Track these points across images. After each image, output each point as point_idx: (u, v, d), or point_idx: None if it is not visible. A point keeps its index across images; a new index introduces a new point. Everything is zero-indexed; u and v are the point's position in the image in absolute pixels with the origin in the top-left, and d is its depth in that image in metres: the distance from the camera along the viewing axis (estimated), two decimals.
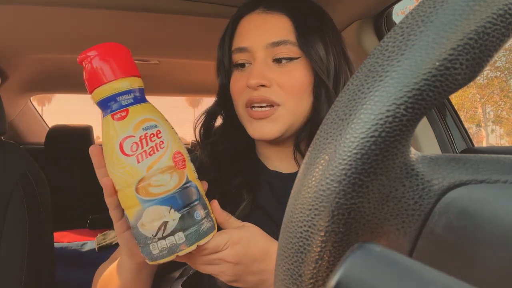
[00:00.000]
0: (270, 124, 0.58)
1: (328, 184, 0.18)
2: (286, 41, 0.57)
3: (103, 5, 1.00)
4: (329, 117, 0.20)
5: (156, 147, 0.40)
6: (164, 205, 0.40)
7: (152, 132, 0.41)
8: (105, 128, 0.41)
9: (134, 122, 0.40)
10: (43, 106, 32.92)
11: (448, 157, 0.20)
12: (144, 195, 0.40)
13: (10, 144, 0.98)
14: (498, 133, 16.79)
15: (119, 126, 0.40)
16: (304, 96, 0.59)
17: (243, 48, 0.59)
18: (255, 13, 0.61)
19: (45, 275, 0.96)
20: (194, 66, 1.64)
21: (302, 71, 0.58)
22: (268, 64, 0.58)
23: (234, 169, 0.61)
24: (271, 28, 0.58)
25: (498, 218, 0.17)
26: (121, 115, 0.40)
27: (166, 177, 0.41)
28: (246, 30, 0.60)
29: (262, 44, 0.57)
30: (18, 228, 0.89)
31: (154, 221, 0.40)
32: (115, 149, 0.40)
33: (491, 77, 14.19)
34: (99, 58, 0.41)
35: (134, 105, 0.41)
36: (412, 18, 0.18)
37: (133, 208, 0.40)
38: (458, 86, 0.18)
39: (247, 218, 0.58)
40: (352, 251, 0.16)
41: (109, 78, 0.40)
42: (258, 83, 0.56)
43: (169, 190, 0.40)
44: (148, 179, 0.40)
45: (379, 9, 0.95)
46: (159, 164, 0.40)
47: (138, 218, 0.40)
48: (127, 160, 0.40)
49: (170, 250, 0.40)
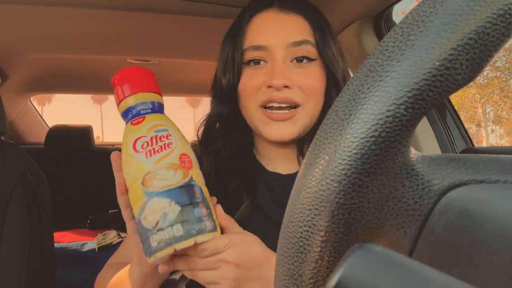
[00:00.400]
0: (290, 125, 0.58)
1: (328, 184, 0.18)
2: (307, 41, 0.57)
3: (103, 5, 1.00)
4: (329, 117, 0.20)
5: (164, 146, 0.44)
6: (166, 197, 0.42)
7: (162, 134, 0.44)
8: (125, 133, 0.46)
9: (148, 126, 0.45)
10: (43, 106, 32.93)
11: (448, 157, 0.20)
12: (148, 187, 0.42)
13: (10, 144, 0.98)
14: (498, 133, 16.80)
15: (135, 129, 0.45)
16: (320, 98, 0.59)
17: (261, 46, 0.57)
18: (271, 11, 0.60)
19: (45, 275, 0.96)
20: (194, 66, 1.64)
21: (319, 73, 0.58)
22: (288, 64, 0.57)
23: (233, 172, 0.61)
24: (291, 28, 0.58)
25: (498, 218, 0.17)
26: (138, 121, 0.45)
27: (170, 172, 0.43)
28: (263, 28, 0.59)
29: (283, 43, 0.57)
30: (18, 228, 0.89)
31: (155, 212, 0.41)
32: (128, 148, 0.44)
33: (491, 77, 14.19)
34: (126, 76, 0.47)
35: (150, 114, 0.46)
36: (412, 18, 0.18)
37: (138, 202, 0.42)
38: (458, 86, 0.17)
39: (247, 220, 0.58)
40: (352, 251, 0.16)
41: (132, 91, 0.46)
42: (284, 83, 0.55)
43: (172, 184, 0.42)
44: (153, 173, 0.42)
45: (379, 9, 0.95)
46: (165, 160, 0.43)
47: (141, 211, 0.42)
48: (137, 156, 0.43)
49: (167, 242, 0.41)
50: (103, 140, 25.34)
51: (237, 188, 0.60)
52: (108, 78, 0.46)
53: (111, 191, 0.46)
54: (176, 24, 1.14)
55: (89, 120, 43.71)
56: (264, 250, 0.47)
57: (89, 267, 1.30)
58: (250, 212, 0.58)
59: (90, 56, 1.49)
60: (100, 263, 0.63)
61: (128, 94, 0.47)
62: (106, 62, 1.60)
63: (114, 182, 0.46)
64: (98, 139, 26.51)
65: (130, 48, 1.40)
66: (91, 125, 2.13)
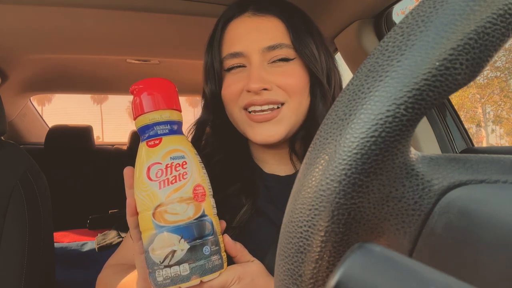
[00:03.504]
0: (274, 126, 0.57)
1: (328, 184, 0.18)
2: (282, 44, 0.57)
3: (103, 5, 1.00)
4: (329, 117, 0.20)
5: (179, 177, 0.42)
6: (176, 234, 0.41)
7: (178, 162, 0.43)
8: (139, 152, 0.44)
9: (164, 151, 0.43)
10: (43, 106, 32.91)
11: (448, 157, 0.20)
12: (159, 220, 0.41)
13: (10, 144, 0.98)
14: (498, 133, 16.79)
15: (150, 152, 0.43)
16: (304, 95, 0.59)
17: (238, 53, 0.58)
18: (245, 16, 0.60)
19: (45, 275, 0.96)
20: (194, 66, 1.64)
21: (299, 71, 0.58)
22: (265, 67, 0.57)
23: (230, 176, 0.61)
24: (265, 32, 0.58)
25: (498, 218, 0.17)
26: (154, 143, 0.43)
27: (182, 206, 0.42)
28: (238, 35, 0.59)
29: (258, 48, 0.57)
30: (18, 228, 0.89)
31: (164, 247, 0.41)
32: (142, 173, 0.42)
33: (491, 77, 14.19)
34: (146, 89, 0.44)
35: (168, 135, 0.44)
36: (412, 18, 0.18)
37: (148, 232, 0.42)
38: (458, 86, 0.17)
39: (247, 223, 0.57)
40: (352, 251, 0.16)
41: (151, 108, 0.44)
42: (261, 87, 0.55)
43: (183, 220, 0.42)
44: (165, 206, 0.41)
45: (379, 9, 0.95)
46: (178, 193, 0.42)
47: (150, 242, 0.41)
48: (150, 185, 0.42)
49: (173, 280, 0.41)
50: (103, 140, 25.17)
51: (237, 192, 0.60)
52: (108, 78, 0.46)
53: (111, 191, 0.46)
54: (176, 24, 1.14)
55: (89, 120, 43.70)
56: (267, 279, 0.48)
57: (89, 267, 1.30)
58: (250, 215, 0.58)
59: (90, 56, 1.49)
60: (100, 263, 0.62)
61: (148, 110, 0.44)
62: (106, 62, 1.60)
63: (114, 183, 0.46)
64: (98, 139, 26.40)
65: (130, 48, 1.40)
66: (91, 125, 2.13)
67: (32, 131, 2.26)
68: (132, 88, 0.46)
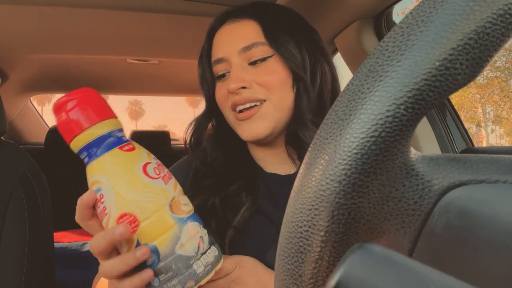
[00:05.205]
0: (257, 122, 0.59)
1: (328, 184, 0.18)
2: (256, 43, 0.59)
3: (103, 5, 1.00)
4: (329, 117, 0.20)
5: (169, 173, 0.43)
6: (197, 221, 0.42)
7: (158, 161, 0.43)
8: (112, 161, 0.39)
9: (144, 152, 0.41)
10: (43, 106, 32.90)
11: (448, 157, 0.20)
12: (179, 213, 0.40)
13: (10, 144, 0.98)
14: (498, 133, 16.80)
15: (134, 155, 0.40)
16: (286, 90, 0.60)
17: (220, 59, 0.62)
18: (225, 25, 0.63)
19: (45, 275, 0.96)
20: (194, 66, 1.62)
21: (277, 67, 0.60)
22: (245, 67, 0.60)
23: (230, 174, 0.62)
24: (240, 34, 0.61)
25: (498, 218, 0.17)
26: (129, 147, 0.41)
27: (185, 197, 0.43)
28: (219, 42, 0.63)
29: (235, 50, 0.60)
30: (18, 228, 0.89)
31: (194, 237, 0.40)
32: (138, 175, 0.39)
33: (491, 77, 14.19)
34: (84, 101, 0.40)
35: (132, 141, 0.42)
36: (412, 18, 0.18)
37: (169, 231, 0.39)
38: (458, 86, 0.17)
39: (247, 222, 0.58)
40: (352, 251, 0.16)
41: (105, 117, 0.40)
42: (237, 86, 0.58)
43: (192, 209, 0.43)
44: (177, 198, 0.41)
45: (379, 9, 0.95)
46: (178, 186, 0.43)
47: (176, 239, 0.39)
48: (156, 183, 0.39)
49: (212, 264, 0.41)
50: None
51: (237, 190, 0.60)
52: (108, 78, 0.46)
53: None
54: (176, 24, 1.14)
55: None
56: (265, 269, 0.50)
57: (89, 267, 1.30)
58: (251, 213, 0.59)
59: (90, 56, 1.49)
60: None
61: (102, 119, 0.40)
62: (106, 62, 1.60)
63: None
64: None
65: (130, 48, 1.40)
66: None
67: (32, 131, 2.26)
68: (63, 104, 0.40)
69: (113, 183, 0.38)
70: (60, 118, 0.40)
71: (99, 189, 0.39)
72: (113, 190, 0.38)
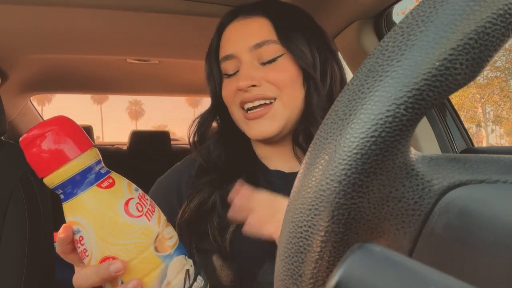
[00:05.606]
0: (268, 121, 0.59)
1: (328, 184, 0.18)
2: (268, 40, 0.59)
3: (103, 5, 1.00)
4: (329, 117, 0.20)
5: (152, 203, 0.40)
6: (181, 254, 0.40)
7: (140, 191, 0.40)
8: (91, 202, 0.36)
9: (125, 185, 0.38)
10: (43, 106, 32.91)
11: (448, 157, 0.20)
12: (163, 250, 0.38)
13: (10, 144, 0.98)
14: (498, 133, 16.80)
15: (114, 192, 0.37)
16: (296, 88, 0.60)
17: (229, 55, 0.61)
18: (236, 21, 0.63)
19: (45, 275, 0.96)
20: (194, 66, 1.64)
21: (288, 66, 0.60)
22: (255, 65, 0.60)
23: (232, 171, 0.62)
24: (252, 31, 0.60)
25: (498, 218, 0.17)
26: (108, 183, 0.37)
27: (170, 228, 0.41)
28: (229, 38, 0.63)
29: (246, 47, 0.59)
30: (18, 228, 0.89)
31: (179, 273, 0.39)
32: (120, 216, 0.36)
33: (491, 77, 14.20)
34: (56, 134, 0.36)
35: (111, 172, 0.40)
36: (412, 18, 0.18)
37: (154, 271, 0.38)
38: (458, 86, 0.17)
39: None
40: (352, 251, 0.16)
41: (78, 152, 0.36)
42: (248, 84, 0.58)
43: (177, 240, 0.41)
44: (161, 234, 0.39)
45: (379, 9, 0.95)
46: (162, 217, 0.41)
47: (162, 278, 0.38)
48: (139, 222, 0.37)
49: None
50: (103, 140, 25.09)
51: None
52: (108, 78, 0.46)
53: None
54: (176, 24, 1.14)
55: (89, 120, 43.69)
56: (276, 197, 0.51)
57: None
58: None
59: (90, 56, 1.49)
60: None
61: (77, 154, 0.36)
62: (106, 62, 1.60)
63: None
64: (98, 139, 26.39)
65: (130, 48, 1.40)
66: (91, 125, 2.13)
67: None
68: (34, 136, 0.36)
69: (94, 226, 0.36)
70: (31, 152, 0.36)
71: (78, 231, 0.37)
72: (94, 234, 0.36)
